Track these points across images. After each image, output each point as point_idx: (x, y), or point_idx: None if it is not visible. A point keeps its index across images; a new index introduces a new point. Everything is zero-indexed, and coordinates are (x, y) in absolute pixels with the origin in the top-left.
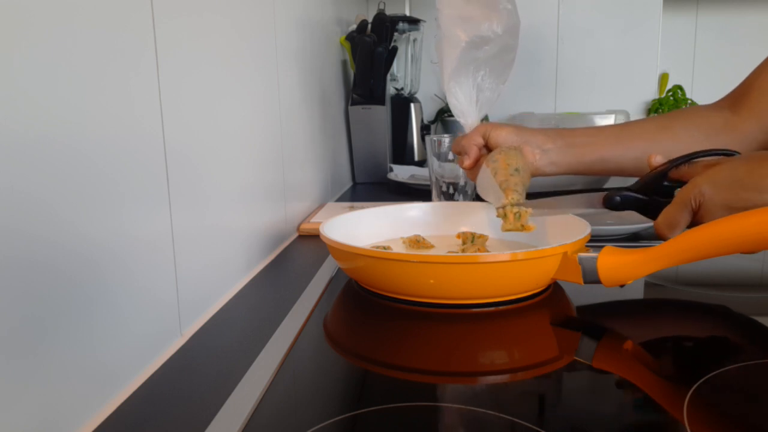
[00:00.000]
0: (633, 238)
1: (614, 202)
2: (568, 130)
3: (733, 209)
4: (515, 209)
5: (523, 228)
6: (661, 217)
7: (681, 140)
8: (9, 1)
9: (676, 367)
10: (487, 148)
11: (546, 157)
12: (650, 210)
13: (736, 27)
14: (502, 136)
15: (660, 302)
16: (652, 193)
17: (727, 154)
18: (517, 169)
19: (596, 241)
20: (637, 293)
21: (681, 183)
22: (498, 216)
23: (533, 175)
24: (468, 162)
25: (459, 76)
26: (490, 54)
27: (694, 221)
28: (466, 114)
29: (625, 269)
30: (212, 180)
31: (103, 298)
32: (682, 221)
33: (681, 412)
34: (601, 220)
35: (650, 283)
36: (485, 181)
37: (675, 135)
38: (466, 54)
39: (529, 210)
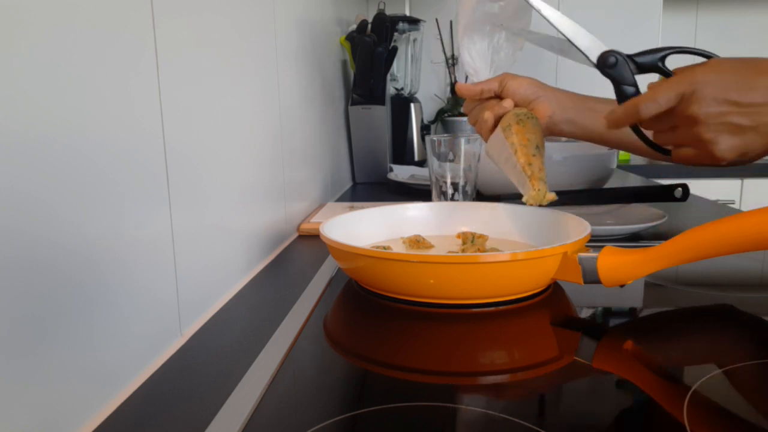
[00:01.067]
0: (633, 238)
1: (609, 62)
2: (586, 96)
3: (725, 103)
4: (540, 194)
5: (544, 198)
6: (645, 94)
7: None
8: (9, 1)
9: (676, 367)
10: (499, 96)
11: (564, 113)
12: (634, 89)
13: (736, 27)
14: (522, 87)
15: (660, 302)
16: (645, 71)
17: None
18: (537, 147)
19: (596, 241)
20: (637, 293)
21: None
22: (524, 202)
23: (549, 134)
24: (470, 92)
25: (473, 33)
26: (506, 13)
27: (679, 110)
28: (479, 71)
29: (625, 269)
30: (212, 180)
31: (103, 298)
32: (663, 101)
33: (681, 412)
34: (601, 221)
35: (650, 283)
36: (500, 153)
37: None
38: (482, 7)
39: (553, 195)
